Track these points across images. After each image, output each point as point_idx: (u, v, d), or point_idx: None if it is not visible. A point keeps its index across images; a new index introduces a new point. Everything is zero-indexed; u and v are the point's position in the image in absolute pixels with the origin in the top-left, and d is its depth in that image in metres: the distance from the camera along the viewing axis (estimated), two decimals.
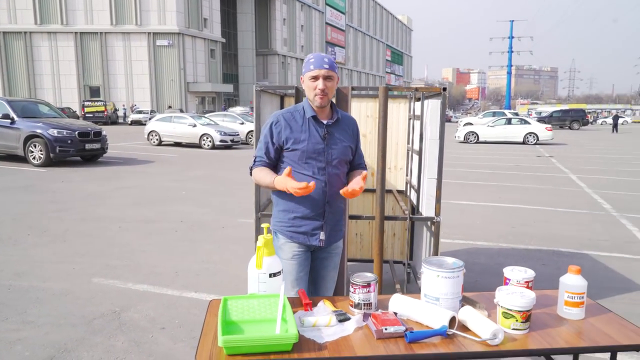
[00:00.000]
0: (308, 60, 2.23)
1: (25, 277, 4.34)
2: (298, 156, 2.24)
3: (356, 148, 2.44)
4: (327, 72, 2.20)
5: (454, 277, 1.77)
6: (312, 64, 2.20)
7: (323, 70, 2.19)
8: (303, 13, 63.71)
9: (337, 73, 2.26)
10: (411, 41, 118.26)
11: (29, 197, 8.07)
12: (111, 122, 37.81)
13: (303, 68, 2.25)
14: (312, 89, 2.22)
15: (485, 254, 5.25)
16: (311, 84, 2.22)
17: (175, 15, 43.07)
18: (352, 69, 79.62)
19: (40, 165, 11.88)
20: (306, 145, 2.24)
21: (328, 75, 2.21)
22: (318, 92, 2.20)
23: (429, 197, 3.17)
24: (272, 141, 2.27)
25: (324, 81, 2.20)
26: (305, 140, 2.24)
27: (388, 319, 1.69)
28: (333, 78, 2.23)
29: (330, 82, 2.22)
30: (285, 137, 2.25)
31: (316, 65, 2.19)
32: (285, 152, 2.26)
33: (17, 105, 12.58)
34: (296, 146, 2.24)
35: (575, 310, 1.79)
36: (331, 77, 2.22)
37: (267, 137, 2.28)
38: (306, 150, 2.24)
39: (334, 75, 2.23)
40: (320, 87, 2.19)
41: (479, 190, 9.44)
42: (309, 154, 2.24)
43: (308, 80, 2.22)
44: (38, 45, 43.17)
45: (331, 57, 2.25)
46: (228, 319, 1.64)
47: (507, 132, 23.17)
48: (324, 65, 2.19)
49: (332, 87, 2.24)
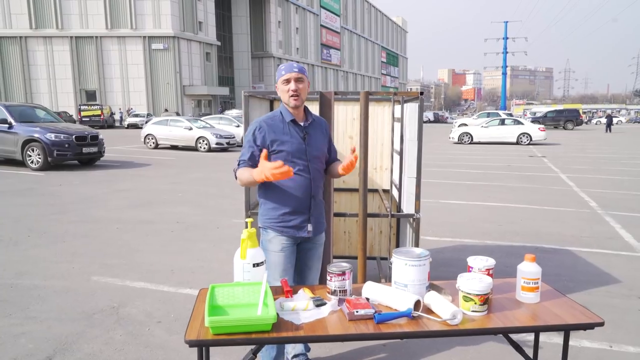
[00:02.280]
0: (280, 69, 2.47)
1: (26, 276, 4.51)
2: (284, 157, 2.46)
3: (330, 145, 2.68)
4: (297, 74, 2.43)
5: (420, 265, 1.96)
6: (284, 69, 2.45)
7: (293, 73, 2.42)
8: (298, 15, 63.95)
9: (307, 77, 2.47)
10: (406, 43, 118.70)
11: (28, 200, 8.23)
12: (108, 125, 37.95)
13: (276, 76, 2.48)
14: (285, 91, 2.45)
15: (470, 250, 5.44)
16: (284, 87, 2.44)
17: (170, 18, 43.25)
18: (347, 70, 79.91)
19: (38, 169, 12.03)
20: (290, 146, 2.46)
21: (298, 77, 2.43)
22: (291, 93, 2.43)
23: (409, 195, 3.36)
24: (256, 145, 2.47)
25: (295, 83, 2.42)
26: (289, 141, 2.46)
27: (360, 303, 1.87)
28: (304, 80, 2.46)
29: (301, 83, 2.45)
30: (270, 140, 2.45)
31: (287, 70, 2.43)
32: (272, 154, 2.47)
33: (15, 110, 12.74)
34: (282, 147, 2.46)
35: (531, 295, 1.98)
36: (302, 79, 2.45)
37: (251, 142, 2.49)
38: (291, 151, 2.46)
39: (304, 77, 2.46)
40: (293, 88, 2.42)
41: (469, 190, 9.64)
42: (294, 154, 2.46)
43: (281, 85, 2.45)
44: (34, 49, 43.29)
45: (300, 64, 2.48)
46: (215, 304, 1.82)
47: (500, 132, 23.41)
48: (293, 69, 2.43)
49: (303, 88, 2.46)
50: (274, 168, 2.12)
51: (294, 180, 2.46)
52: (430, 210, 7.54)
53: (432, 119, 61.14)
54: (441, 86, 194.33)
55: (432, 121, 60.57)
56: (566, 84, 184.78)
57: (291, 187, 2.49)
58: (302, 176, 2.48)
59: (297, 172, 2.46)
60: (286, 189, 2.50)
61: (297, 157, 2.47)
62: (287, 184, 2.48)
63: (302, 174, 2.48)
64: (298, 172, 2.47)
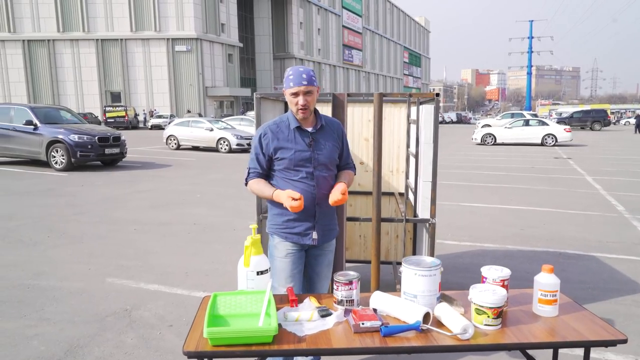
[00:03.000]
0: (287, 76, 2.36)
1: (43, 276, 4.55)
2: (286, 164, 2.41)
3: (343, 150, 2.59)
4: (306, 87, 2.33)
5: (431, 275, 1.87)
6: (292, 80, 2.34)
7: (302, 87, 2.33)
8: (320, 16, 63.99)
9: (316, 84, 2.39)
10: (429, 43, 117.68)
11: (49, 200, 8.35)
12: (132, 126, 38.58)
13: (284, 83, 2.39)
14: (293, 104, 2.37)
15: (491, 255, 5.29)
16: (292, 99, 2.36)
17: (193, 20, 43.72)
18: (369, 71, 79.63)
19: (62, 170, 12.24)
20: (293, 153, 2.40)
21: (307, 90, 2.34)
22: (300, 107, 2.35)
23: (424, 199, 3.26)
24: (262, 152, 2.44)
25: (304, 97, 2.34)
26: (292, 149, 2.40)
27: (366, 314, 1.80)
28: (313, 92, 2.37)
29: (310, 96, 2.36)
30: (273, 148, 2.41)
31: (295, 83, 2.33)
32: (275, 161, 2.43)
33: (40, 112, 13.00)
34: (284, 155, 2.40)
35: (549, 308, 1.88)
36: (310, 91, 2.36)
37: (257, 149, 2.45)
38: (293, 159, 2.40)
39: (313, 89, 2.36)
40: (301, 103, 2.34)
41: (491, 192, 9.44)
42: (297, 161, 2.40)
43: (289, 96, 2.37)
44: (61, 52, 44.28)
45: (309, 69, 2.38)
46: (216, 313, 1.77)
47: (525, 133, 22.96)
48: (302, 82, 2.32)
49: (312, 100, 2.38)
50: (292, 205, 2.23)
51: (297, 188, 2.40)
52: (450, 213, 7.40)
53: (454, 120, 60.47)
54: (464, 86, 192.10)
55: (455, 122, 59.92)
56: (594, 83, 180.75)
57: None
58: (305, 184, 2.41)
59: (300, 180, 2.41)
60: None
61: (300, 165, 2.41)
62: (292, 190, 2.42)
63: (306, 182, 2.41)
64: (301, 180, 2.41)
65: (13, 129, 12.72)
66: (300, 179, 2.41)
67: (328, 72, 67.06)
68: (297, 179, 2.41)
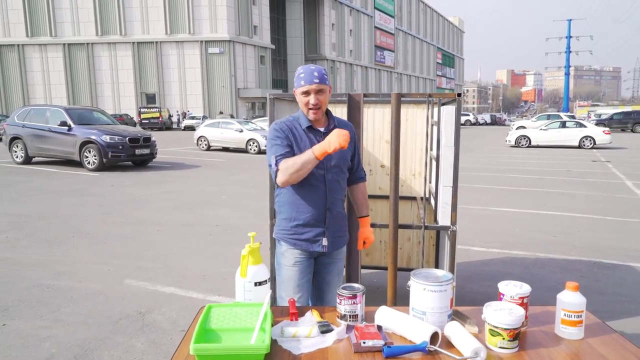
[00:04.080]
0: (298, 75, 2.24)
1: (64, 277, 4.57)
2: None
3: (354, 153, 2.46)
4: (317, 86, 2.21)
5: (441, 290, 1.72)
6: (303, 79, 2.21)
7: (314, 85, 2.20)
8: (352, 18, 63.81)
9: (328, 83, 2.26)
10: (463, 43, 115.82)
11: (79, 200, 8.49)
12: (166, 127, 39.32)
13: (295, 82, 2.27)
14: (304, 104, 2.25)
15: (520, 264, 5.05)
16: (303, 99, 2.24)
17: (226, 23, 44.24)
18: (401, 72, 78.92)
19: (94, 170, 12.48)
20: None
21: (319, 89, 2.22)
22: (311, 107, 2.23)
23: (444, 206, 3.09)
24: (284, 137, 2.26)
25: (315, 95, 2.22)
26: (303, 149, 2.26)
27: (369, 332, 1.66)
28: (324, 91, 2.24)
29: (322, 95, 2.24)
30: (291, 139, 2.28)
31: (307, 81, 2.20)
32: None
33: (74, 113, 13.31)
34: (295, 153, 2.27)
35: (573, 330, 1.70)
36: (322, 90, 2.23)
37: (276, 137, 2.27)
38: None
39: (325, 87, 2.24)
40: (313, 102, 2.22)
41: (523, 196, 9.10)
42: None
43: (300, 95, 2.24)
44: (99, 55, 45.51)
45: (321, 68, 2.26)
46: (207, 327, 1.66)
47: (561, 135, 22.21)
48: (314, 80, 2.20)
49: (324, 99, 2.26)
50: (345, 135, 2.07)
51: (307, 191, 2.29)
52: (478, 218, 7.15)
53: (488, 121, 59.24)
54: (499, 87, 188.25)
55: (489, 123, 58.69)
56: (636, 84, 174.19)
57: (304, 197, 2.31)
58: (316, 187, 2.28)
59: (310, 183, 2.28)
60: (299, 200, 2.32)
61: None
62: (301, 194, 2.30)
63: (317, 185, 2.29)
64: (311, 183, 2.28)
65: (48, 129, 13.06)
66: (310, 181, 2.29)
67: (360, 74, 66.79)
68: (307, 181, 2.29)
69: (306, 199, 2.32)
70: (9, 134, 13.79)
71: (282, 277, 2.45)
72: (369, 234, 2.56)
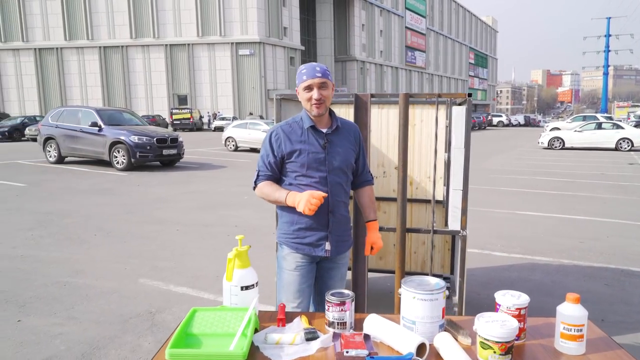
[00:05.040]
0: (300, 71, 2.20)
1: (81, 274, 4.65)
2: (298, 167, 2.23)
3: (359, 155, 2.40)
4: (320, 80, 2.16)
5: (432, 299, 1.64)
6: (305, 74, 2.17)
7: (316, 79, 2.15)
8: (382, 18, 63.42)
9: (331, 80, 2.21)
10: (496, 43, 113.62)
11: (105, 199, 8.67)
12: (196, 128, 39.94)
13: (296, 80, 2.23)
14: (307, 99, 2.19)
15: (542, 270, 4.87)
16: (306, 95, 2.18)
17: (256, 25, 44.61)
18: (432, 73, 77.99)
19: (123, 170, 12.74)
20: (306, 155, 2.22)
21: (322, 82, 2.16)
22: (314, 102, 2.17)
23: (454, 209, 2.99)
24: (274, 154, 2.26)
25: (318, 90, 2.16)
26: (306, 150, 2.22)
27: (354, 341, 1.60)
28: (328, 85, 2.19)
29: (325, 90, 2.18)
30: (285, 149, 2.23)
31: (309, 75, 2.16)
32: (287, 163, 2.26)
33: (104, 114, 13.63)
34: (297, 157, 2.23)
35: (573, 345, 1.59)
36: (325, 84, 2.18)
37: (268, 150, 2.28)
38: (306, 161, 2.22)
39: (328, 82, 2.19)
40: (316, 97, 2.16)
41: (552, 200, 8.82)
42: (310, 163, 2.23)
43: (303, 92, 2.19)
44: (133, 57, 46.55)
45: (324, 65, 2.21)
46: (189, 331, 1.63)
47: (597, 137, 21.49)
48: (316, 74, 2.15)
49: (327, 95, 2.20)
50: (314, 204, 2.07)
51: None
52: (502, 221, 6.96)
53: (522, 123, 57.93)
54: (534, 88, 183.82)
55: (523, 125, 57.40)
56: None
57: None
58: (318, 189, 2.22)
59: (312, 185, 2.23)
60: None
61: (313, 168, 2.23)
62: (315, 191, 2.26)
63: (319, 187, 2.23)
64: (313, 185, 2.23)
65: (80, 130, 13.42)
66: (312, 183, 2.24)
67: (390, 74, 66.33)
68: (309, 183, 2.24)
69: None
70: (43, 134, 14.23)
71: (282, 281, 2.41)
72: (377, 239, 2.48)
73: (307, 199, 2.08)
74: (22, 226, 6.55)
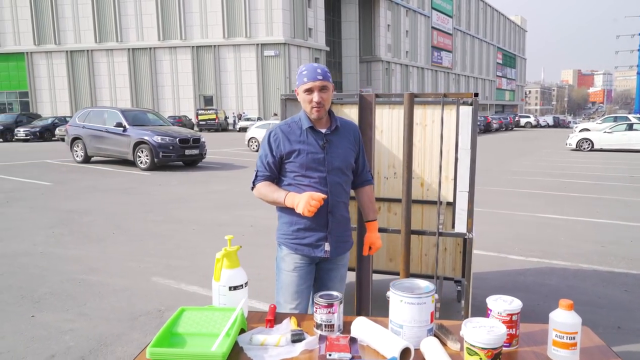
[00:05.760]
0: (301, 72, 2.18)
1: (96, 272, 4.74)
2: (297, 167, 2.22)
3: (359, 155, 2.38)
4: (321, 83, 2.14)
5: (420, 303, 1.60)
6: (305, 76, 2.15)
7: (317, 82, 2.13)
8: (408, 18, 62.98)
9: (331, 81, 2.19)
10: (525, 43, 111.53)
11: (126, 198, 8.83)
12: (222, 129, 40.37)
13: (297, 80, 2.21)
14: (307, 102, 2.18)
15: (559, 274, 4.74)
16: (306, 97, 2.17)
17: (281, 26, 44.84)
18: (459, 73, 77.06)
19: (146, 169, 12.96)
20: (305, 156, 2.21)
21: (322, 85, 2.15)
22: (314, 105, 2.15)
23: (460, 212, 2.93)
24: (272, 154, 2.25)
25: (319, 93, 2.14)
26: (305, 151, 2.21)
27: (338, 344, 1.58)
28: (328, 88, 2.17)
29: (325, 93, 2.17)
30: (284, 150, 2.22)
31: (309, 78, 2.14)
32: (286, 163, 2.25)
33: (129, 115, 13.89)
34: (296, 157, 2.22)
35: (565, 353, 1.53)
36: (326, 87, 2.16)
37: (267, 150, 2.27)
38: (305, 162, 2.21)
39: (328, 85, 2.17)
40: (316, 100, 2.14)
41: (575, 202, 8.59)
42: (309, 164, 2.21)
43: (303, 94, 2.18)
44: (161, 59, 47.35)
45: (324, 67, 2.19)
46: (174, 330, 1.64)
47: (628, 138, 20.86)
48: (317, 77, 2.13)
49: (327, 97, 2.19)
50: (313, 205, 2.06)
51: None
52: (521, 224, 6.82)
53: (551, 124, 56.69)
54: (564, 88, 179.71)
55: (551, 126, 56.18)
56: None
57: None
58: (317, 189, 2.21)
59: (311, 185, 2.22)
60: None
61: (312, 168, 2.21)
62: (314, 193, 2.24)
63: (319, 187, 2.21)
64: (313, 185, 2.22)
65: (105, 130, 13.70)
66: (311, 183, 2.22)
67: (416, 75, 65.81)
68: (308, 184, 2.23)
69: None
70: (70, 135, 14.59)
71: (281, 282, 2.40)
72: (376, 239, 2.46)
73: (307, 200, 2.07)
74: (45, 224, 6.72)
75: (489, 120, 41.17)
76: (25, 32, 47.37)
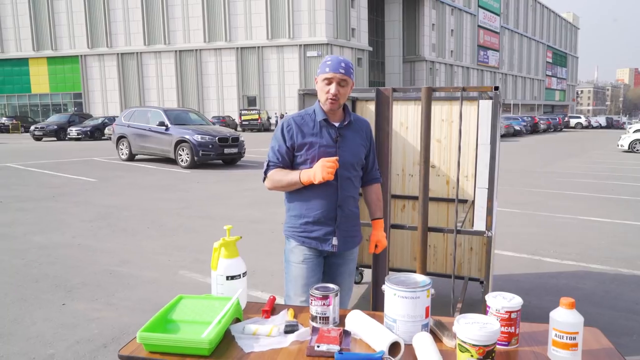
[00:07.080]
0: (325, 61, 2.17)
1: (128, 264, 4.89)
2: (309, 159, 2.21)
3: (369, 151, 2.35)
4: (342, 76, 2.13)
5: (414, 297, 1.56)
6: (329, 66, 2.14)
7: (338, 75, 2.12)
8: (453, 17, 61.80)
9: (353, 78, 2.17)
10: (577, 40, 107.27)
11: (165, 195, 9.07)
12: (264, 129, 40.89)
13: (318, 69, 2.20)
14: (324, 91, 2.16)
15: (595, 278, 4.52)
16: (324, 87, 2.16)
17: (324, 27, 44.95)
18: (506, 72, 74.96)
19: (187, 167, 13.27)
20: (317, 149, 2.20)
21: (342, 79, 2.14)
22: (330, 96, 2.14)
23: (479, 209, 2.84)
24: (286, 145, 2.24)
25: (337, 86, 2.13)
26: (317, 143, 2.20)
27: (330, 336, 1.56)
28: (347, 83, 2.16)
29: (343, 87, 2.16)
30: (297, 141, 2.22)
31: (332, 68, 2.13)
32: (297, 156, 2.24)
33: (171, 114, 14.27)
34: (307, 150, 2.21)
35: (565, 353, 1.46)
36: (345, 81, 2.15)
37: (280, 141, 2.27)
38: (317, 154, 2.19)
39: (348, 80, 2.16)
40: (333, 92, 2.13)
41: (621, 205, 8.18)
42: (321, 156, 2.19)
43: (321, 82, 2.17)
44: (206, 60, 48.42)
45: (349, 61, 2.18)
46: (169, 317, 1.66)
47: None
48: (339, 70, 2.12)
49: (345, 92, 2.17)
50: (330, 166, 2.04)
51: (318, 187, 2.20)
52: (560, 226, 6.56)
53: (603, 124, 54.30)
54: (619, 88, 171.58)
55: (604, 127, 53.80)
56: None
57: (315, 194, 2.23)
58: (327, 183, 2.18)
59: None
60: (309, 197, 2.25)
61: None
62: (311, 190, 2.23)
63: (328, 181, 2.19)
64: None
65: (149, 129, 14.13)
66: None
67: (460, 74, 64.51)
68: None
69: (316, 195, 2.24)
70: (116, 133, 15.14)
71: (290, 274, 2.39)
72: (382, 237, 2.42)
73: (322, 166, 2.06)
74: (85, 218, 6.99)
75: (536, 120, 39.88)
76: (80, 36, 49.52)
